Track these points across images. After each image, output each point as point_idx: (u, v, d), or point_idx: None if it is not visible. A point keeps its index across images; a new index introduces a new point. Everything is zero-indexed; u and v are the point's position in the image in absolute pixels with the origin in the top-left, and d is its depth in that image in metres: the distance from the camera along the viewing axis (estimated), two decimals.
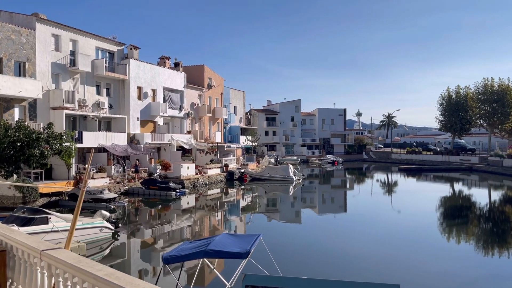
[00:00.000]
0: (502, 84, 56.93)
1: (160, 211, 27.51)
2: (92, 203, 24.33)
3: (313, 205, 32.55)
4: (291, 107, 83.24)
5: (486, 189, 41.50)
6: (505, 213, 27.34)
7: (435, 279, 13.11)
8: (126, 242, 18.83)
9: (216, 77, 55.01)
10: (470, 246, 18.57)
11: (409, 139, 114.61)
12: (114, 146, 32.80)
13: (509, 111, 55.53)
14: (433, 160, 65.63)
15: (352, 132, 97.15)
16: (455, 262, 15.41)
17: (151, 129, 40.52)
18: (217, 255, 7.55)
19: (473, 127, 65.08)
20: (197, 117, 49.56)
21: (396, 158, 74.81)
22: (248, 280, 4.47)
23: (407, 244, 17.97)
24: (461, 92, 63.94)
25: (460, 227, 22.97)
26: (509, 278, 13.78)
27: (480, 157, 58.62)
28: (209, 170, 41.07)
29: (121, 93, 37.69)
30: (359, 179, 55.29)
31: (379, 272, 13.63)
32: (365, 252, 16.39)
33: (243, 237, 8.57)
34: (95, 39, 35.05)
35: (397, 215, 26.79)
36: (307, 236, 20.24)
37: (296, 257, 15.45)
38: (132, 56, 38.66)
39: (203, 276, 12.62)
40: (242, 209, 29.10)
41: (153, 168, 35.66)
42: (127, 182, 32.43)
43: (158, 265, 14.84)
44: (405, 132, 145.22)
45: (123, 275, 4.02)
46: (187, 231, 21.68)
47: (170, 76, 43.75)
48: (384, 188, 43.62)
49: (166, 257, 7.47)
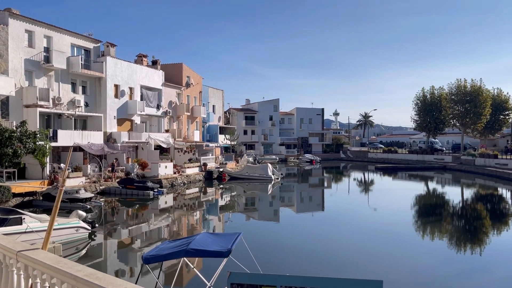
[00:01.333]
0: (474, 85, 58.58)
1: (138, 210, 27.18)
2: (68, 203, 23.83)
3: (291, 204, 32.76)
4: (269, 106, 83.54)
5: (459, 187, 42.63)
6: (477, 211, 28.16)
7: (413, 275, 13.40)
8: (103, 243, 18.53)
9: (195, 75, 54.68)
10: (444, 243, 19.05)
11: (385, 139, 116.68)
12: (90, 145, 32.21)
13: (481, 111, 57.17)
14: (408, 159, 66.98)
15: (329, 131, 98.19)
16: (430, 258, 15.78)
17: (128, 127, 39.98)
18: (198, 254, 7.52)
19: (447, 127, 66.77)
20: (175, 116, 49.15)
21: (372, 157, 76.00)
22: (233, 278, 4.48)
23: (385, 241, 18.30)
24: (435, 93, 65.50)
25: (434, 224, 23.54)
26: (479, 272, 14.21)
27: (453, 156, 60.18)
28: (187, 169, 40.81)
29: (98, 91, 37.03)
30: (336, 178, 55.95)
31: (358, 269, 13.84)
32: (344, 249, 16.63)
33: (223, 236, 8.57)
34: (70, 35, 34.31)
35: (373, 213, 27.24)
36: (286, 234, 20.37)
37: (276, 255, 15.54)
38: (109, 53, 38.03)
39: (184, 276, 12.55)
40: (221, 208, 29.04)
41: (130, 167, 35.18)
42: (103, 181, 31.91)
43: (136, 266, 14.67)
44: (381, 132, 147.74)
45: (103, 275, 3.97)
46: (165, 231, 21.50)
47: (147, 74, 43.24)
48: (361, 187, 44.27)
49: (146, 256, 7.39)
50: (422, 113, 66.09)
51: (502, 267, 14.80)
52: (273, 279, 4.49)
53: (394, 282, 11.65)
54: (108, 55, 37.77)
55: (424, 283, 12.84)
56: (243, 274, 4.83)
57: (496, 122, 61.25)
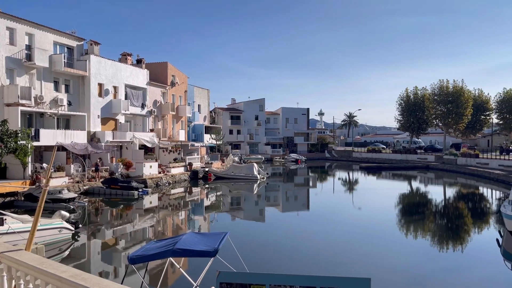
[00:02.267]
0: (456, 86, 59.63)
1: (122, 211, 26.90)
2: (50, 203, 23.42)
3: (277, 203, 32.83)
4: (255, 106, 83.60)
5: (441, 187, 43.32)
6: (459, 210, 28.66)
7: (399, 273, 13.57)
8: (86, 243, 18.30)
9: (180, 74, 54.37)
10: (427, 241, 19.33)
11: (369, 138, 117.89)
12: (73, 144, 31.75)
13: (462, 111, 58.22)
14: (392, 158, 67.80)
15: (315, 131, 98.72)
16: (415, 256, 16.02)
17: (113, 127, 39.54)
18: (185, 254, 7.47)
19: (430, 126, 67.80)
20: (160, 115, 48.80)
21: (357, 157, 76.70)
22: (222, 277, 4.46)
23: (370, 240, 18.49)
24: (418, 93, 66.46)
25: (418, 223, 23.87)
26: (461, 270, 14.47)
27: (436, 156, 61.14)
28: (172, 169, 40.56)
29: (81, 90, 36.51)
30: (321, 177, 56.29)
31: (345, 267, 13.96)
32: (330, 248, 16.74)
33: (210, 236, 8.53)
34: (53, 33, 33.74)
35: (358, 212, 27.51)
36: (272, 233, 20.41)
37: (263, 255, 15.56)
38: (93, 51, 37.53)
39: (170, 276, 12.46)
40: (207, 208, 28.95)
41: (115, 167, 34.79)
42: (87, 181, 31.50)
43: (120, 266, 14.53)
44: (365, 132, 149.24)
45: (89, 276, 3.92)
46: (150, 231, 21.32)
47: (132, 73, 42.83)
48: (345, 186, 44.63)
49: (132, 257, 7.31)
50: (406, 113, 66.99)
51: (483, 265, 15.10)
52: (262, 278, 4.49)
53: (380, 280, 11.77)
54: (91, 53, 37.27)
55: (410, 281, 13.02)
56: (232, 273, 4.82)
57: (477, 122, 62.45)
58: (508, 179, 37.87)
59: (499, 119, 62.81)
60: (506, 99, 61.01)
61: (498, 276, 13.69)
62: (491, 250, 17.40)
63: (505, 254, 16.64)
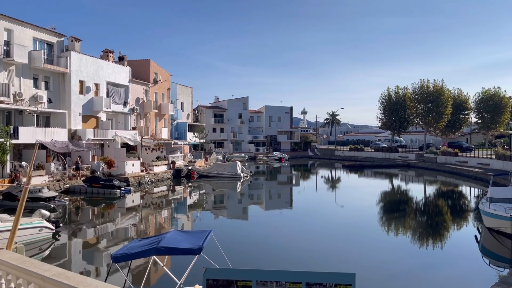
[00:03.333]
0: (437, 85, 60.63)
1: (104, 209, 26.57)
2: (30, 202, 22.95)
3: (260, 201, 32.89)
4: (239, 104, 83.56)
5: (421, 184, 44.06)
6: (438, 207, 29.21)
7: (382, 269, 13.77)
8: (67, 243, 18.02)
9: (163, 72, 53.91)
10: (409, 238, 19.66)
11: (351, 137, 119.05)
12: (53, 142, 31.20)
13: (442, 111, 59.26)
14: (374, 156, 68.62)
15: (298, 129, 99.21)
16: (397, 252, 16.28)
17: (94, 124, 38.99)
18: (169, 252, 7.43)
19: (411, 125, 68.81)
20: (143, 113, 48.33)
21: (339, 155, 77.37)
22: (209, 274, 4.46)
23: (352, 237, 18.72)
24: (400, 92, 67.38)
25: (399, 220, 24.24)
26: (442, 265, 14.76)
27: (416, 154, 62.12)
28: (155, 168, 40.24)
29: (62, 87, 35.88)
30: (304, 175, 56.62)
31: (328, 264, 14.08)
32: (313, 245, 16.86)
33: (194, 234, 8.50)
34: (32, 29, 33.05)
35: (341, 209, 27.79)
36: (256, 231, 20.47)
37: (247, 252, 15.59)
38: (73, 48, 36.91)
39: (153, 274, 12.38)
40: (190, 207, 28.82)
41: (96, 166, 34.33)
42: (68, 180, 31.01)
43: (102, 266, 14.37)
44: (348, 130, 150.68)
45: (73, 274, 3.87)
46: (132, 230, 21.13)
47: (114, 70, 42.28)
48: (328, 184, 44.99)
49: (115, 255, 7.23)
50: (387, 112, 67.85)
51: (462, 260, 15.44)
52: (249, 274, 4.52)
53: (364, 275, 11.93)
54: (72, 50, 36.65)
55: (393, 276, 13.25)
56: (219, 269, 4.83)
57: (457, 121, 63.67)
58: (486, 177, 38.72)
59: (477, 118, 64.17)
60: (484, 98, 62.36)
61: (476, 271, 14.03)
62: (470, 246, 17.79)
63: (483, 250, 17.06)
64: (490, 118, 61.70)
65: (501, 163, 41.61)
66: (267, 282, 4.47)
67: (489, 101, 61.60)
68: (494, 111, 61.09)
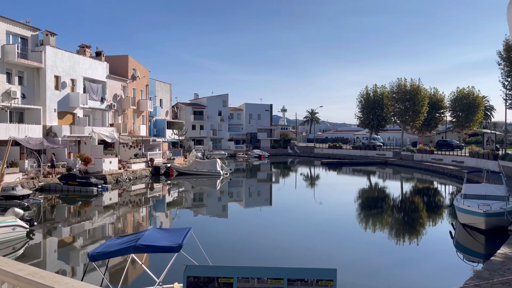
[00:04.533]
0: (414, 84, 61.75)
1: (80, 207, 26.05)
2: (3, 200, 22.36)
3: (240, 199, 32.86)
4: (218, 102, 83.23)
5: (398, 182, 44.84)
6: (415, 203, 29.79)
7: (361, 264, 13.95)
8: (42, 242, 17.59)
9: (141, 68, 53.19)
10: (386, 234, 19.98)
11: (330, 135, 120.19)
12: (27, 139, 30.39)
13: (419, 109, 60.40)
14: (352, 154, 69.44)
15: (277, 127, 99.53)
16: (375, 248, 16.50)
17: (70, 121, 38.17)
18: (148, 250, 7.31)
19: (388, 123, 69.89)
20: (121, 110, 47.59)
21: (318, 153, 78.00)
22: (190, 271, 4.39)
23: (331, 233, 18.91)
24: (378, 91, 68.33)
25: (377, 216, 24.62)
26: (418, 260, 15.07)
27: (394, 152, 63.16)
28: (133, 165, 39.69)
29: (36, 82, 34.98)
30: (284, 173, 56.86)
31: (309, 260, 14.16)
32: (293, 242, 16.93)
33: (173, 231, 8.39)
34: (5, 22, 32.07)
35: (319, 206, 28.02)
36: (236, 229, 20.43)
37: (227, 250, 15.53)
38: (49, 42, 36.01)
39: (132, 273, 12.20)
40: (169, 205, 28.55)
41: (72, 163, 33.61)
42: (42, 177, 30.28)
43: (78, 265, 14.10)
44: (327, 128, 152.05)
45: (48, 273, 3.76)
46: (110, 228, 20.78)
47: (91, 65, 41.46)
48: (307, 181, 45.30)
49: (92, 254, 7.07)
50: (365, 110, 68.72)
51: (437, 255, 15.76)
52: (230, 271, 4.47)
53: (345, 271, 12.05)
54: (47, 44, 35.76)
55: (371, 271, 13.44)
56: (199, 266, 4.76)
57: (433, 120, 64.99)
58: (460, 174, 39.69)
59: (452, 117, 65.65)
60: (459, 97, 63.81)
61: (451, 266, 14.36)
62: (445, 241, 18.21)
63: (457, 246, 17.48)
64: (464, 117, 63.19)
65: (474, 161, 42.74)
66: (249, 278, 4.43)
67: (463, 100, 63.06)
68: (468, 110, 62.59)
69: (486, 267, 10.48)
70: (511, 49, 37.40)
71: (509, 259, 10.81)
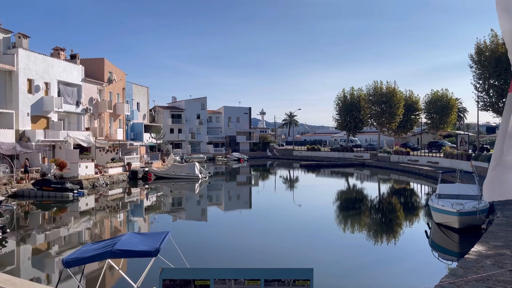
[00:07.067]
0: (389, 87, 62.89)
1: (56, 213, 25.45)
2: None
3: (219, 202, 32.74)
4: (197, 105, 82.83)
5: (376, 183, 45.51)
6: (392, 204, 30.28)
7: (339, 264, 14.08)
8: (15, 249, 17.09)
9: (118, 71, 52.47)
10: (364, 234, 20.23)
11: (309, 137, 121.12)
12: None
13: (395, 111, 61.55)
14: (330, 156, 70.17)
15: (256, 130, 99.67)
16: (352, 249, 16.70)
17: (44, 125, 37.34)
18: (125, 255, 7.19)
19: (365, 126, 70.95)
20: (97, 113, 46.83)
21: (297, 155, 78.49)
22: (166, 274, 4.35)
23: (310, 235, 19.01)
24: (354, 94, 69.35)
25: (354, 217, 24.90)
26: (395, 260, 15.33)
27: (371, 153, 64.11)
28: (110, 169, 39.06)
29: (8, 86, 34.09)
30: (263, 175, 56.95)
31: (288, 261, 14.21)
32: (272, 244, 16.96)
33: (151, 235, 8.29)
34: None
35: (299, 208, 28.16)
36: (215, 232, 20.31)
37: (206, 253, 15.44)
38: (21, 45, 35.18)
39: (108, 279, 11.98)
40: (147, 209, 28.20)
41: (47, 168, 32.85)
42: (15, 183, 29.47)
43: (53, 272, 13.76)
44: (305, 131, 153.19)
45: (20, 281, 3.67)
46: (86, 234, 20.37)
47: (65, 68, 40.67)
48: (286, 184, 45.49)
49: (67, 260, 6.91)
50: (343, 112, 69.61)
51: (413, 254, 16.06)
52: (206, 273, 4.45)
53: (322, 271, 12.15)
54: (20, 46, 34.92)
55: (348, 271, 13.59)
56: (175, 269, 4.72)
57: (408, 122, 66.29)
58: (435, 174, 40.58)
59: (427, 119, 67.12)
60: (433, 100, 65.30)
61: (427, 264, 14.64)
62: (420, 241, 18.57)
63: (432, 245, 17.85)
64: (438, 119, 64.68)
65: (449, 161, 43.78)
66: (225, 280, 4.42)
67: (437, 102, 64.55)
68: (442, 111, 64.10)
69: (460, 265, 10.72)
70: (482, 52, 38.49)
71: (483, 257, 11.09)
